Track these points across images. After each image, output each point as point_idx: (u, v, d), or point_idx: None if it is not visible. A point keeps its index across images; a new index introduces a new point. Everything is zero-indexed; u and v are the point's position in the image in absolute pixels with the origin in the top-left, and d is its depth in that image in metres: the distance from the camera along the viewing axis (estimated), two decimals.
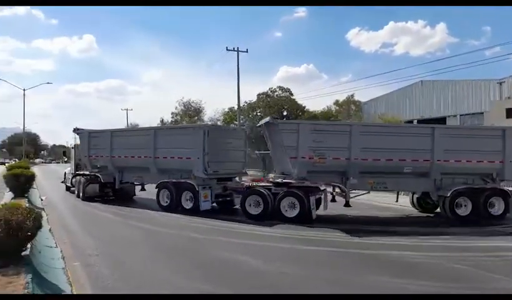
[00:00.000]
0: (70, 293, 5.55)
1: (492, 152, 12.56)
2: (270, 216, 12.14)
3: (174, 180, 14.49)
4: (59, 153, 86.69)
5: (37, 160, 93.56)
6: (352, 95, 50.13)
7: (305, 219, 11.73)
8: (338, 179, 12.74)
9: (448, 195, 12.29)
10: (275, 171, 14.13)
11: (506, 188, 12.60)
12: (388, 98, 43.22)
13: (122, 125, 61.12)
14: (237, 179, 15.67)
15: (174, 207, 14.14)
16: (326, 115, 48.97)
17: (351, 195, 12.91)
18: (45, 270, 6.15)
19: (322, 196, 12.80)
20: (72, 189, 19.67)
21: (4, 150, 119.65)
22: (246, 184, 13.94)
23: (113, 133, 17.36)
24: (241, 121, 42.13)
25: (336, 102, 51.88)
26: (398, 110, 40.45)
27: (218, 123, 49.71)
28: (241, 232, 10.49)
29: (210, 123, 44.75)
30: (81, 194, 17.49)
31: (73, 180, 19.08)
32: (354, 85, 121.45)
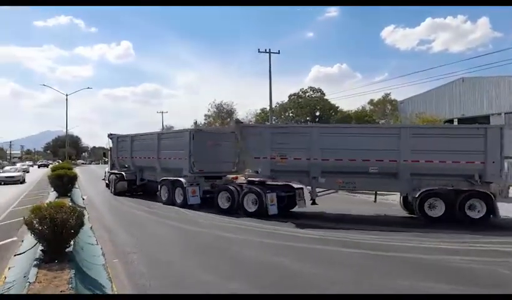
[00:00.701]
0: (110, 288, 5.73)
1: (472, 153, 11.94)
2: (236, 210, 13.54)
3: (171, 178, 16.24)
4: (98, 154, 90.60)
5: (78, 162, 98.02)
6: (388, 94, 48.77)
7: (262, 213, 12.82)
8: (306, 178, 13.27)
9: (417, 195, 12.05)
10: (249, 170, 14.99)
11: (487, 190, 11.79)
12: (426, 96, 41.48)
13: (157, 128, 62.87)
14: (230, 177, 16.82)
15: (170, 201, 15.93)
16: (360, 115, 47.85)
17: (319, 194, 13.47)
18: (87, 266, 6.39)
19: (296, 194, 13.49)
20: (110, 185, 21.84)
21: (49, 152, 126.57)
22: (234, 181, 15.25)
23: (132, 137, 20.25)
24: (273, 122, 42.04)
25: (371, 102, 50.65)
26: (437, 109, 38.72)
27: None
28: (265, 232, 10.51)
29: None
30: (113, 190, 20.33)
31: (109, 178, 21.62)
32: (389, 83, 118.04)
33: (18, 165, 52.19)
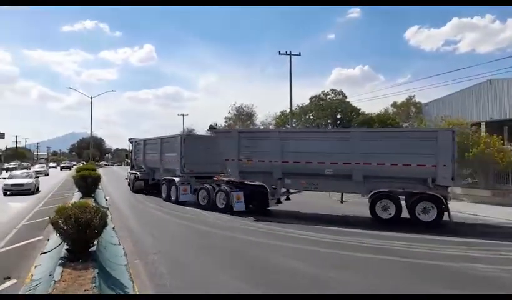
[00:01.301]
0: (131, 288, 5.78)
1: (423, 156, 11.90)
2: (212, 207, 14.68)
3: (169, 178, 18.08)
4: (121, 156, 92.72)
5: (101, 163, 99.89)
6: (412, 97, 47.69)
7: (229, 210, 14.04)
8: (270, 179, 13.99)
9: (367, 197, 12.41)
10: (227, 171, 15.97)
11: (438, 193, 11.69)
12: (451, 99, 40.22)
13: (178, 130, 63.68)
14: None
15: (167, 198, 17.67)
16: (382, 117, 46.93)
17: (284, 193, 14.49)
18: (110, 266, 6.47)
19: (269, 193, 13.93)
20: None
21: (74, 153, 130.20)
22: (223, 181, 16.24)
23: (145, 142, 22.76)
24: (293, 125, 41.82)
25: (394, 104, 49.64)
26: (463, 111, 37.56)
27: (270, 127, 49.78)
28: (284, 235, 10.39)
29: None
30: (132, 188, 22.80)
31: (130, 177, 24.14)
32: (413, 85, 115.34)
33: (36, 166, 45.10)
